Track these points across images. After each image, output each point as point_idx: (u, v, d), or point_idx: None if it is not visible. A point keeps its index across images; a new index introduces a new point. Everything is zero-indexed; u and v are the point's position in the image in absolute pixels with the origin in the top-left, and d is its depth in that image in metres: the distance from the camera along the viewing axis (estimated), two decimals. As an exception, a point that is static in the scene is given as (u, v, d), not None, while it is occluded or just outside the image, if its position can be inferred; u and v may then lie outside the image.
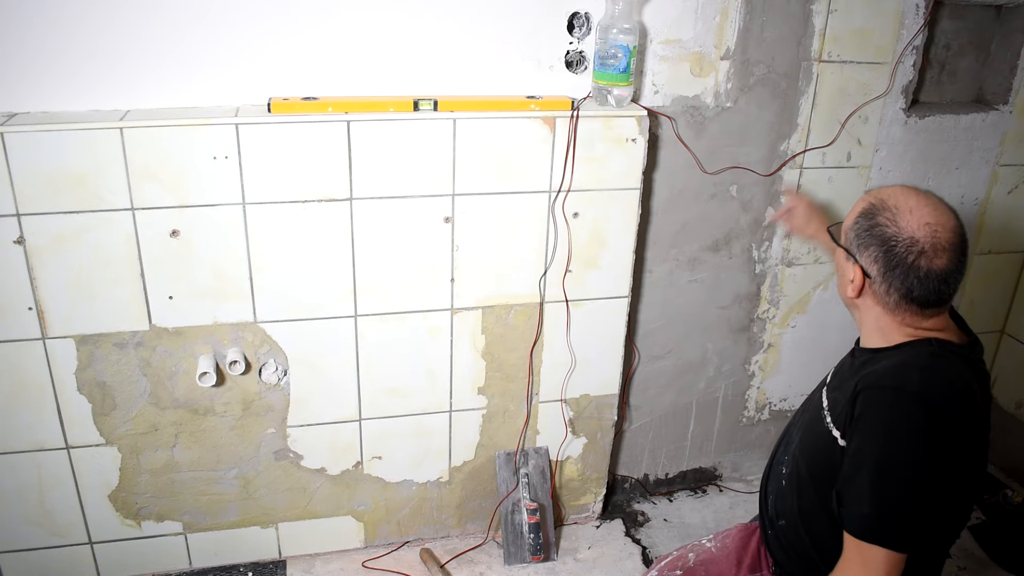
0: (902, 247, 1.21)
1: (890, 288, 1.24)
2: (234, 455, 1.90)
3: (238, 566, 2.03)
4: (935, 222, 1.21)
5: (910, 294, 1.23)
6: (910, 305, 1.24)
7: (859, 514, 1.19)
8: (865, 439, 1.20)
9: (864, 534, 1.19)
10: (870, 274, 1.25)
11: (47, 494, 1.83)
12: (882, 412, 1.19)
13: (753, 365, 2.27)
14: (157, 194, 1.62)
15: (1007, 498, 2.32)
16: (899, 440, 1.17)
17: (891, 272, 1.22)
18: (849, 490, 1.21)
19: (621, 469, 2.31)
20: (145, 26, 1.58)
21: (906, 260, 1.21)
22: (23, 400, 1.73)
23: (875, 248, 1.24)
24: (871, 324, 1.30)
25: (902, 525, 1.17)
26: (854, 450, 1.21)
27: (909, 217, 1.22)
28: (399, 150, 1.70)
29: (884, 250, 1.23)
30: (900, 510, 1.17)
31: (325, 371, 1.87)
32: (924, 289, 1.21)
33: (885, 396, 1.19)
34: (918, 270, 1.21)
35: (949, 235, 1.21)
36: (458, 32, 1.72)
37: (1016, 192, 2.24)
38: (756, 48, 1.89)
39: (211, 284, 1.72)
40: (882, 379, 1.21)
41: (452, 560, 2.08)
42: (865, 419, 1.20)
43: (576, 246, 1.88)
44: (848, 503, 1.21)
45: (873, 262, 1.24)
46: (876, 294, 1.26)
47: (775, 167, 2.03)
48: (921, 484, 1.17)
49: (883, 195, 1.27)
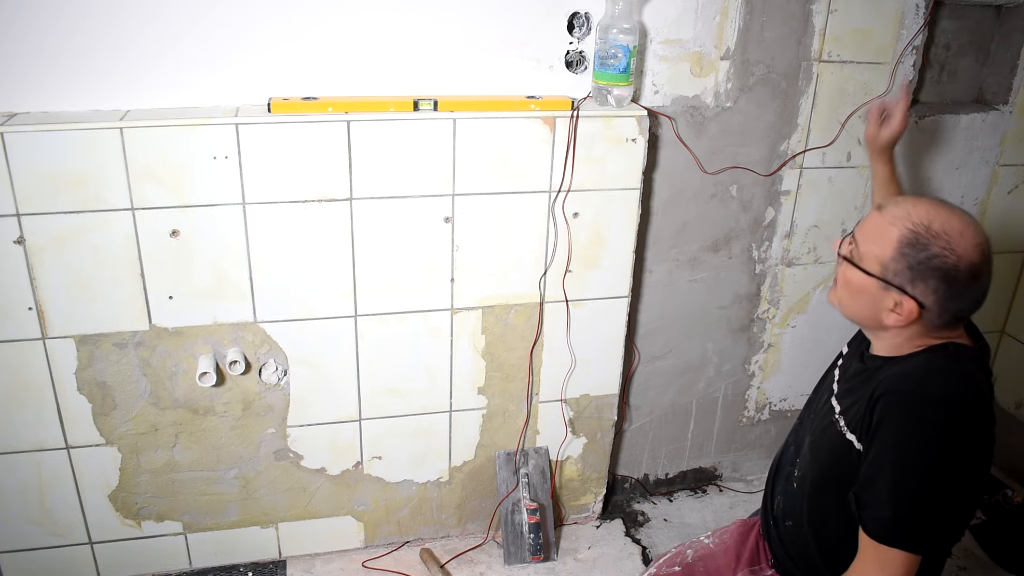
0: (964, 275, 1.17)
1: (946, 312, 1.20)
2: (234, 455, 1.90)
3: (238, 566, 2.03)
4: (981, 240, 1.18)
5: (963, 313, 1.21)
6: (956, 322, 1.23)
7: (879, 517, 1.19)
8: (886, 444, 1.19)
9: (884, 537, 1.19)
10: (926, 304, 1.19)
11: (47, 494, 1.83)
12: (903, 417, 1.18)
13: (753, 365, 2.27)
14: (157, 194, 1.62)
15: (1007, 498, 2.32)
16: (920, 445, 1.17)
17: (952, 300, 1.19)
18: (868, 494, 1.21)
19: (621, 469, 2.31)
20: (145, 26, 1.58)
21: (965, 285, 1.18)
22: (23, 400, 1.73)
23: (935, 280, 1.18)
24: (894, 339, 1.28)
25: (921, 528, 1.18)
26: (874, 454, 1.21)
27: (962, 241, 1.17)
28: (399, 150, 1.70)
29: (946, 281, 1.17)
30: (919, 513, 1.18)
31: (325, 371, 1.87)
32: (975, 306, 1.21)
33: (906, 401, 1.19)
34: (975, 291, 1.19)
35: (988, 248, 1.19)
36: (458, 32, 1.72)
37: (1016, 192, 2.24)
38: (756, 48, 1.89)
39: (211, 284, 1.72)
40: (902, 384, 1.20)
41: (452, 560, 2.08)
42: (885, 424, 1.19)
43: (576, 246, 1.88)
44: (867, 506, 1.21)
45: (931, 292, 1.18)
46: (927, 320, 1.22)
47: (775, 167, 2.03)
48: (940, 487, 1.17)
49: (922, 218, 1.19)
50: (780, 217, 2.09)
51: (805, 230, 2.12)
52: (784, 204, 2.08)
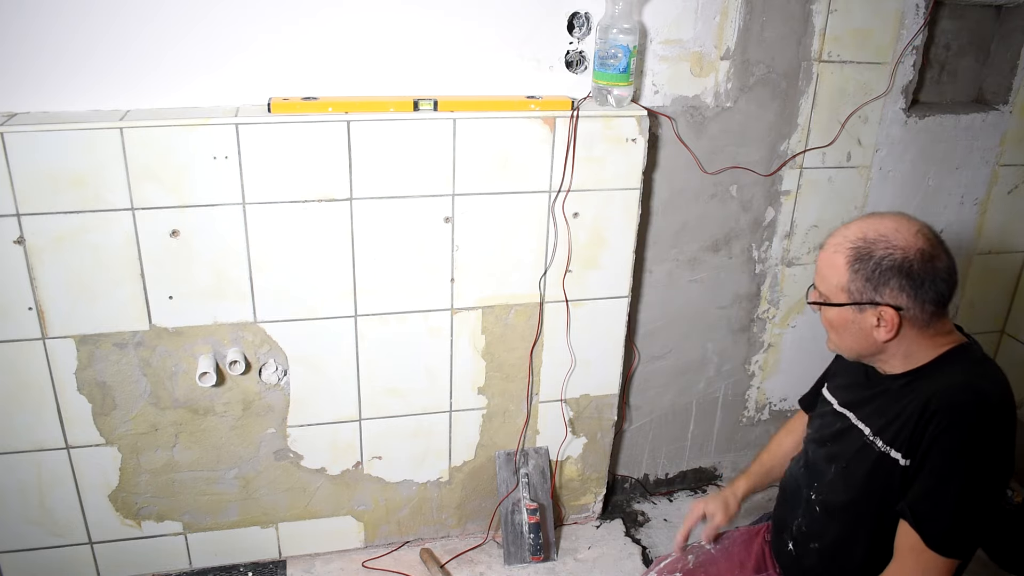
0: (918, 263, 1.22)
1: (925, 304, 1.23)
2: (234, 455, 1.90)
3: (238, 566, 2.03)
4: (917, 228, 1.25)
5: (942, 297, 1.24)
6: (940, 310, 1.25)
7: (939, 528, 1.21)
8: (951, 455, 1.21)
9: (941, 547, 1.21)
10: (901, 305, 1.23)
11: (47, 494, 1.83)
12: (967, 428, 1.20)
13: (753, 365, 2.27)
14: (157, 194, 1.62)
15: (1007, 498, 2.32)
16: (986, 453, 1.20)
17: (922, 290, 1.22)
18: (928, 505, 1.22)
19: (621, 469, 2.31)
20: (145, 26, 1.58)
21: (927, 270, 1.22)
22: (23, 400, 1.73)
23: (895, 279, 1.22)
24: (900, 352, 1.30)
25: (973, 534, 1.21)
26: (935, 468, 1.22)
27: (899, 236, 1.23)
28: (399, 150, 1.70)
29: (905, 275, 1.22)
30: (975, 520, 1.21)
31: (325, 371, 1.87)
32: (948, 287, 1.24)
33: (967, 413, 1.20)
34: (938, 272, 1.23)
35: (931, 232, 1.26)
36: (458, 32, 1.72)
37: (1016, 192, 2.24)
38: (756, 48, 1.89)
39: (211, 284, 1.72)
40: (959, 395, 1.22)
41: (452, 560, 2.08)
42: (947, 436, 1.20)
43: (576, 246, 1.88)
44: (926, 518, 1.22)
45: (899, 292, 1.23)
46: (912, 320, 1.25)
47: (775, 167, 2.03)
48: (996, 491, 1.22)
49: (856, 234, 1.26)
50: (780, 217, 2.09)
51: (805, 230, 2.12)
52: (784, 204, 2.08)
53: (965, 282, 2.31)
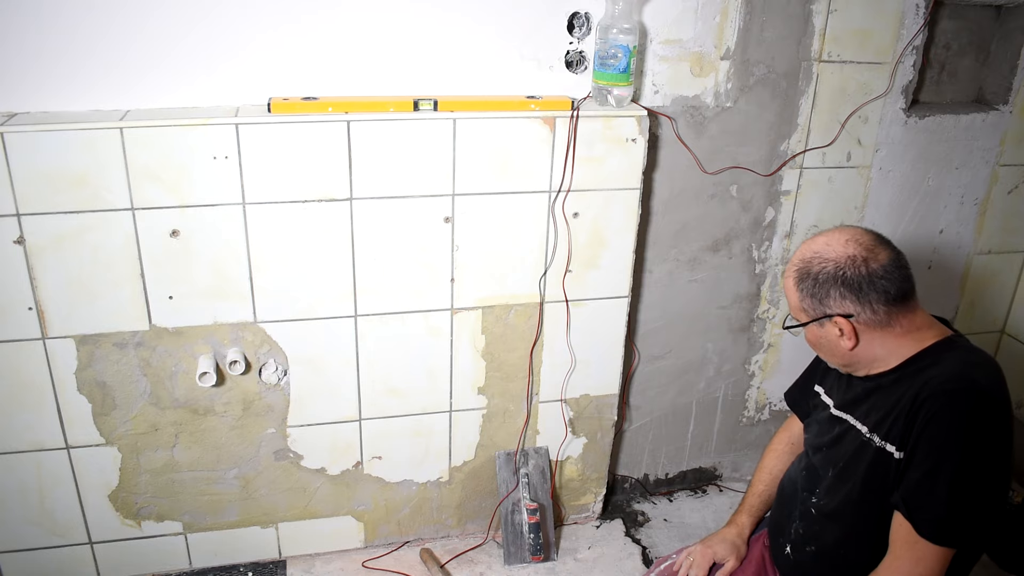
0: (850, 269, 1.27)
1: (874, 305, 1.27)
2: (234, 455, 1.90)
3: (238, 566, 2.03)
4: (848, 237, 1.30)
5: (888, 295, 1.27)
6: (896, 305, 1.28)
7: (933, 517, 1.22)
8: (939, 443, 1.21)
9: (936, 536, 1.22)
10: (850, 312, 1.28)
11: (47, 494, 1.83)
12: (956, 414, 1.21)
13: (753, 365, 2.27)
14: (157, 194, 1.62)
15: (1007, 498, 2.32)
16: (975, 438, 1.20)
17: (862, 293, 1.27)
18: (921, 495, 1.23)
19: (621, 469, 2.31)
20: (145, 26, 1.58)
21: (862, 273, 1.27)
22: (23, 400, 1.73)
23: (834, 289, 1.28)
24: (875, 354, 1.32)
25: (968, 523, 1.21)
26: (925, 456, 1.22)
27: (829, 249, 1.30)
28: (399, 150, 1.70)
29: (841, 283, 1.28)
30: (970, 508, 1.21)
31: (325, 371, 1.87)
32: (893, 282, 1.27)
33: (956, 399, 1.21)
34: (875, 272, 1.26)
35: (866, 237, 1.30)
36: (458, 32, 1.72)
37: (1016, 192, 2.24)
38: (756, 48, 1.89)
39: (211, 284, 1.72)
40: (949, 383, 1.23)
41: (452, 560, 2.08)
42: (936, 423, 1.21)
43: (576, 246, 1.88)
44: (920, 508, 1.23)
45: (842, 299, 1.28)
46: (867, 323, 1.29)
47: (775, 167, 2.03)
48: (992, 480, 1.22)
49: (797, 257, 1.34)
50: (780, 217, 2.09)
51: (805, 230, 2.12)
52: (784, 204, 2.08)
53: (965, 282, 2.31)
